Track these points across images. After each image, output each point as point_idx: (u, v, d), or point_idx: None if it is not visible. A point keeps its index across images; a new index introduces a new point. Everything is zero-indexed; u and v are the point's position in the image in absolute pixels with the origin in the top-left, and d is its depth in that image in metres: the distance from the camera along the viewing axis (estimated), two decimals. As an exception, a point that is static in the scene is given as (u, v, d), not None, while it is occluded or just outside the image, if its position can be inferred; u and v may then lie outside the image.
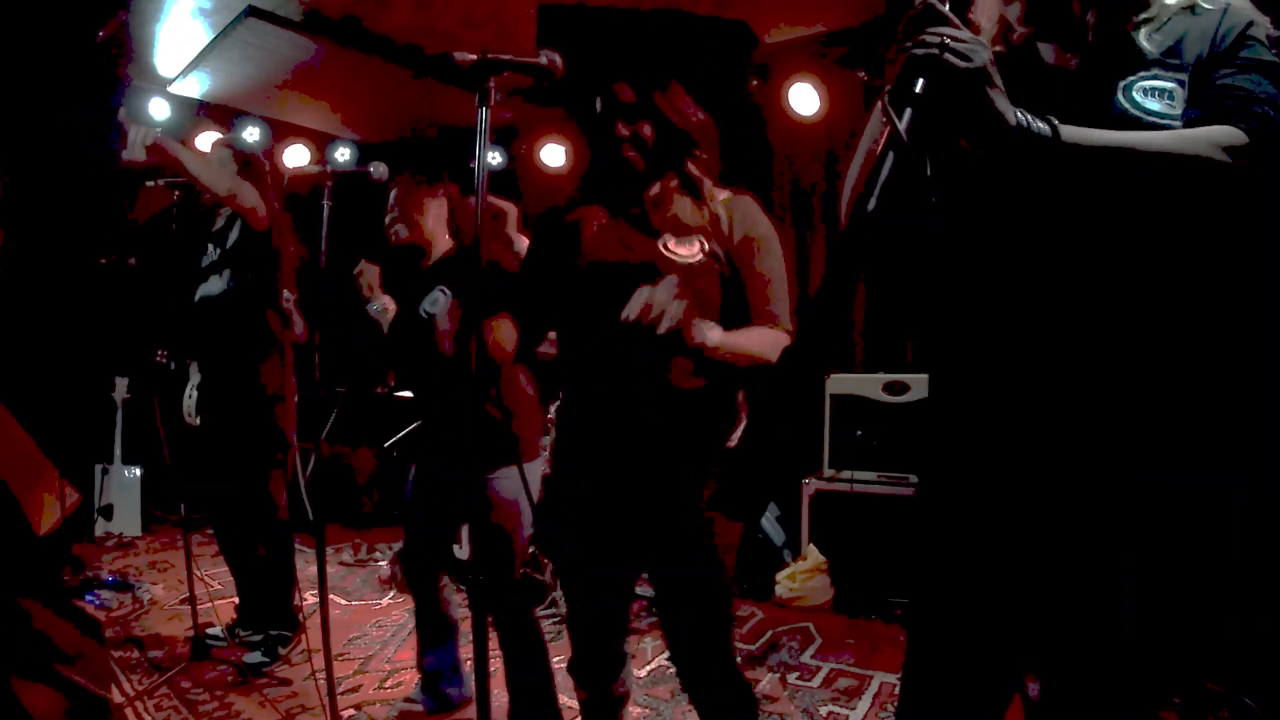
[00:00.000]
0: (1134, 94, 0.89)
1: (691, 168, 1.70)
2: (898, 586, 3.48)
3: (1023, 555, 1.03)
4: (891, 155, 0.80)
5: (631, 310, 1.41)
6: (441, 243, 2.48)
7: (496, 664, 2.92)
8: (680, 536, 1.67)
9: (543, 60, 1.28)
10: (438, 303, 2.32)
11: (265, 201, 2.81)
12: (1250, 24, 0.91)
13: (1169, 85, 0.88)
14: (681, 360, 1.60)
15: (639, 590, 3.60)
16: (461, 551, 3.61)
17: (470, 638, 2.44)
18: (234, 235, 2.90)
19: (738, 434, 1.78)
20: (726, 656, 1.74)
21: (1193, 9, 0.93)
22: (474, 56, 1.23)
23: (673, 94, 1.69)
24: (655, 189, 1.71)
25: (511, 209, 2.10)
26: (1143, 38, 0.91)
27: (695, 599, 1.70)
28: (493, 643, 2.31)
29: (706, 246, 1.65)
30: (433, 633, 2.50)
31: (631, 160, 1.65)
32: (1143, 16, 0.93)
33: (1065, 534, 1.01)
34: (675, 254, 1.64)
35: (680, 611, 1.73)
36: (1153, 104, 0.88)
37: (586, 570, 1.77)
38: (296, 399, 3.08)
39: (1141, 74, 0.90)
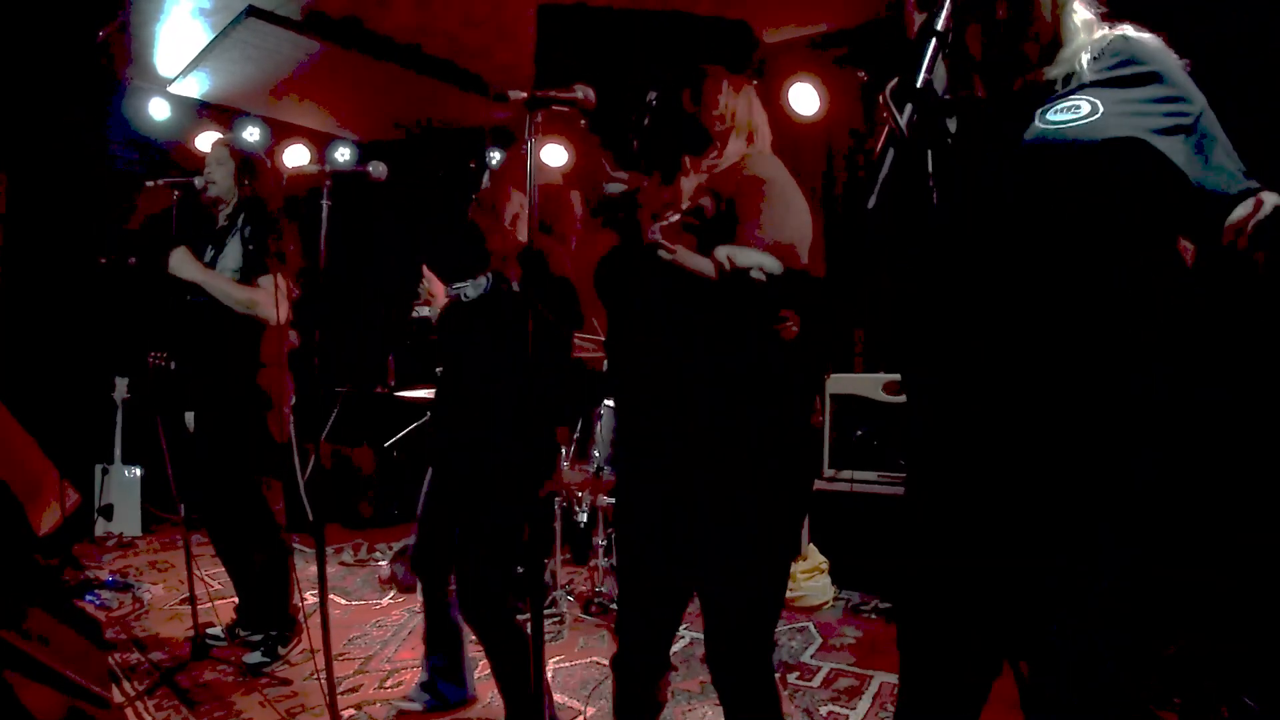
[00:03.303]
0: (1049, 114, 0.98)
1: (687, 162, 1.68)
2: (896, 585, 3.49)
3: (1005, 552, 1.06)
4: (892, 152, 0.80)
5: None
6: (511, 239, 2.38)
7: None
8: (731, 549, 1.61)
9: (579, 94, 1.43)
10: (482, 287, 2.27)
11: (285, 290, 2.82)
12: None
13: (1080, 101, 0.98)
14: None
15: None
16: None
17: (473, 638, 2.45)
18: (232, 240, 2.88)
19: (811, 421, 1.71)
20: (766, 671, 1.70)
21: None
22: (524, 94, 1.39)
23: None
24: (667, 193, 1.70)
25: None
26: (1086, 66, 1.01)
27: (740, 614, 1.65)
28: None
29: (684, 205, 1.61)
30: (439, 633, 2.49)
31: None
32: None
33: (1047, 528, 1.04)
34: (655, 238, 1.60)
35: (724, 624, 1.68)
36: (1060, 116, 0.97)
37: (642, 574, 1.73)
38: (294, 401, 3.07)
39: (1057, 101, 1.00)
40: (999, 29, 1.00)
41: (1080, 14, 1.06)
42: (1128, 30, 1.04)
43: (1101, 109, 0.95)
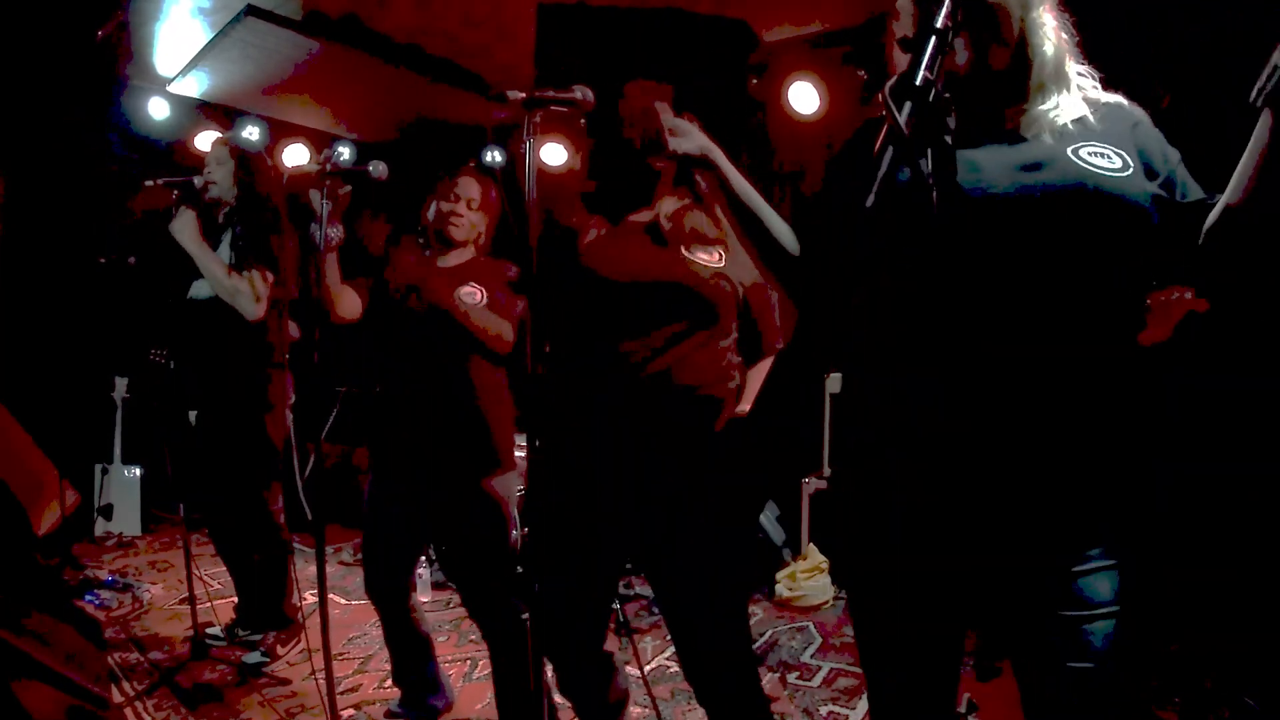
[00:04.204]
0: (1082, 153, 1.05)
1: (701, 182, 1.72)
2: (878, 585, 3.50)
3: (988, 551, 1.06)
4: (891, 150, 0.80)
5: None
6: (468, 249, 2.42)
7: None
8: (678, 533, 1.65)
9: (578, 95, 1.43)
10: (474, 296, 2.26)
11: (266, 291, 2.76)
12: None
13: (1108, 150, 1.06)
14: (685, 357, 1.59)
15: (639, 589, 3.61)
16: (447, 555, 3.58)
17: (450, 643, 2.44)
18: (225, 237, 2.87)
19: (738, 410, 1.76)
20: (736, 658, 1.69)
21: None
22: (523, 95, 1.38)
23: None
24: (668, 204, 1.72)
25: None
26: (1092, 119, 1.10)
27: (694, 599, 1.67)
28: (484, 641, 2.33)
29: (724, 257, 1.67)
30: (407, 650, 2.44)
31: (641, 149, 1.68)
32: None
33: (1034, 529, 1.04)
34: (701, 261, 1.66)
35: (678, 612, 1.70)
36: (1099, 161, 1.04)
37: (564, 579, 1.72)
38: (293, 401, 3.07)
39: (1083, 143, 1.07)
40: (967, 31, 1.03)
41: (1048, 24, 1.09)
42: (1121, 100, 1.15)
43: (1132, 167, 1.04)
